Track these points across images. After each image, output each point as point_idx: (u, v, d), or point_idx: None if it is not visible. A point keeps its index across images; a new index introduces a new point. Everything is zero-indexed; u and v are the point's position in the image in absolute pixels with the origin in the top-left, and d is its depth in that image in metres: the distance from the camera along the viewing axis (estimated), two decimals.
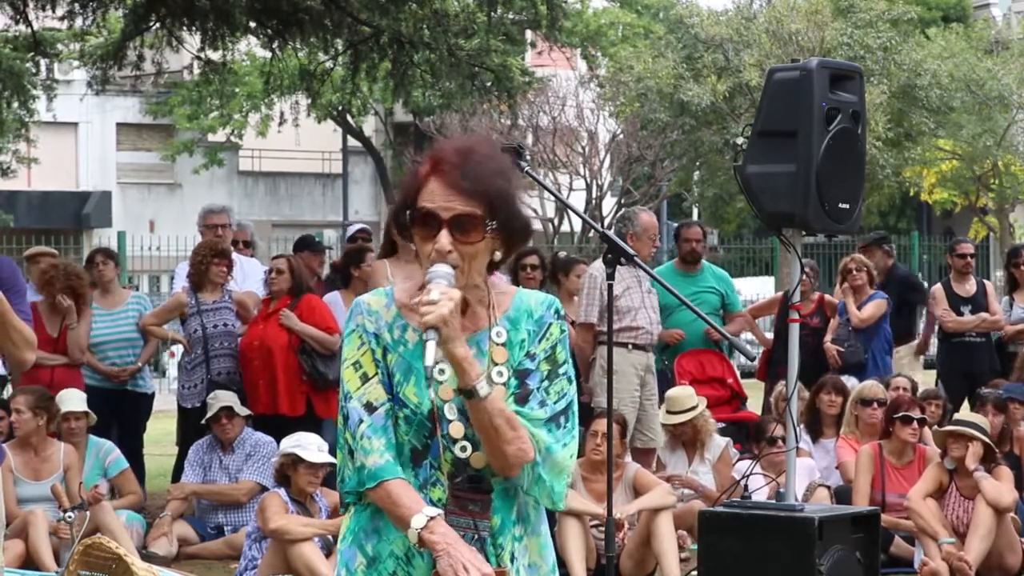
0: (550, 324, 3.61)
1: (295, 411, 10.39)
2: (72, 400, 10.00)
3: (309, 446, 8.88)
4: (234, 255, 11.07)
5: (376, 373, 3.55)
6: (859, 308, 11.89)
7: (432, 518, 3.43)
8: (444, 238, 3.46)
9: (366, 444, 3.50)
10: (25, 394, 9.66)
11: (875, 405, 10.37)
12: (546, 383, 3.57)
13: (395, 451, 3.53)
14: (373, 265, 10.19)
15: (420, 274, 3.53)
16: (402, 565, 3.55)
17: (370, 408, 3.52)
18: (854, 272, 11.97)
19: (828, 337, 11.90)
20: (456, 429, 3.54)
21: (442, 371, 3.53)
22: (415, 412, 3.53)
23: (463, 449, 3.54)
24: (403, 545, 3.53)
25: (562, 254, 12.93)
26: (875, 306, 11.93)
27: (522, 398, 3.54)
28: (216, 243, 10.87)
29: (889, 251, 13.15)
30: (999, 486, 9.12)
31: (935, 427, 10.07)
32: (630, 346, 10.11)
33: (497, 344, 3.58)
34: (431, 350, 3.39)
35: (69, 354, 10.59)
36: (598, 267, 10.18)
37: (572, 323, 10.78)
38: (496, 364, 3.57)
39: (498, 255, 3.57)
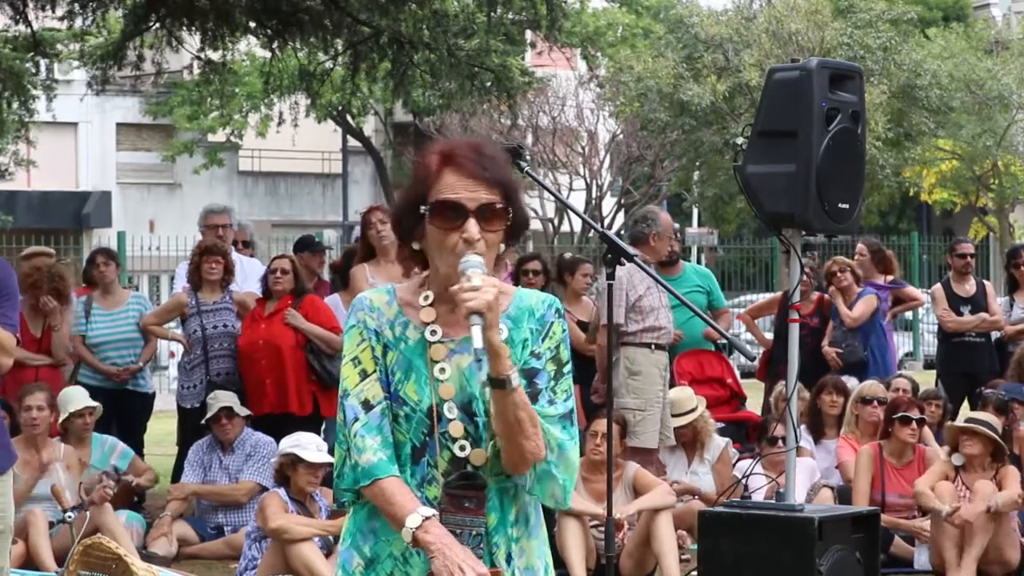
0: (552, 323, 3.61)
1: (303, 410, 10.38)
2: (77, 399, 10.02)
3: (308, 446, 8.88)
4: (235, 255, 11.07)
5: (375, 370, 3.55)
6: (850, 308, 11.91)
7: (427, 518, 3.42)
8: (474, 227, 3.46)
9: (359, 442, 3.50)
10: (42, 391, 9.70)
11: (875, 404, 10.37)
12: (553, 383, 3.57)
13: (391, 450, 3.52)
14: (353, 271, 10.18)
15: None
16: (399, 565, 3.54)
17: (367, 406, 3.53)
18: (838, 274, 12.00)
19: (825, 341, 11.90)
20: (456, 428, 3.53)
21: (443, 370, 3.54)
22: (415, 410, 3.53)
23: (462, 448, 3.53)
24: (401, 545, 3.52)
25: (567, 255, 12.92)
26: (865, 303, 11.94)
27: (532, 397, 3.53)
28: (205, 241, 10.88)
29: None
30: (1012, 495, 9.14)
31: (948, 424, 10.02)
32: (652, 346, 10.03)
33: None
34: (478, 334, 3.37)
35: (53, 354, 10.61)
36: (623, 268, 10.10)
37: (578, 322, 10.78)
38: None
39: (502, 247, 3.59)
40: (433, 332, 3.56)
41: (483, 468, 3.54)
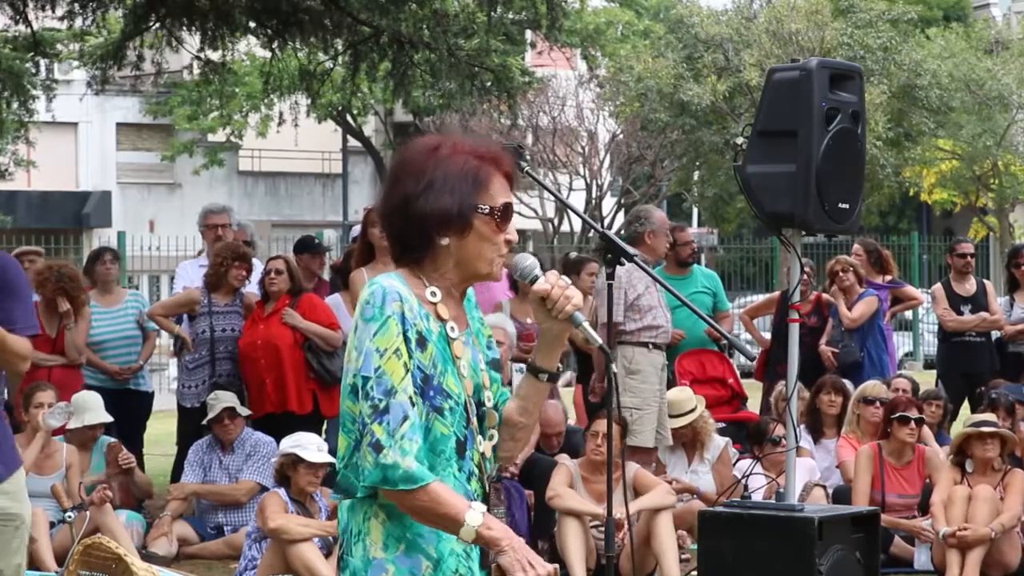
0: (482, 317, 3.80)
1: (303, 409, 10.38)
2: (95, 410, 10.00)
3: (309, 446, 8.87)
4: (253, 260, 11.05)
5: (409, 367, 3.49)
6: (850, 308, 11.91)
7: (484, 513, 3.41)
8: (515, 231, 3.61)
9: (407, 444, 3.41)
10: (51, 389, 9.71)
11: (877, 404, 10.36)
12: None
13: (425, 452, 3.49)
14: (352, 276, 10.16)
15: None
16: (463, 561, 3.52)
17: (411, 404, 3.45)
18: (841, 274, 12.01)
19: (823, 340, 11.90)
20: (474, 421, 3.59)
21: (465, 365, 3.58)
22: (457, 403, 3.53)
23: (479, 441, 3.59)
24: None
25: (572, 254, 12.89)
26: (865, 304, 11.95)
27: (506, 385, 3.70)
28: (237, 246, 10.85)
29: None
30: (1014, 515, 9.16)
31: (962, 430, 9.97)
32: (650, 345, 10.02)
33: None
34: (591, 330, 3.59)
35: (67, 354, 10.59)
36: (622, 267, 10.09)
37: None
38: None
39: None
40: (452, 328, 3.58)
41: (489, 460, 3.61)
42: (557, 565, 3.57)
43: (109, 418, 10.09)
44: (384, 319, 3.46)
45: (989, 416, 9.67)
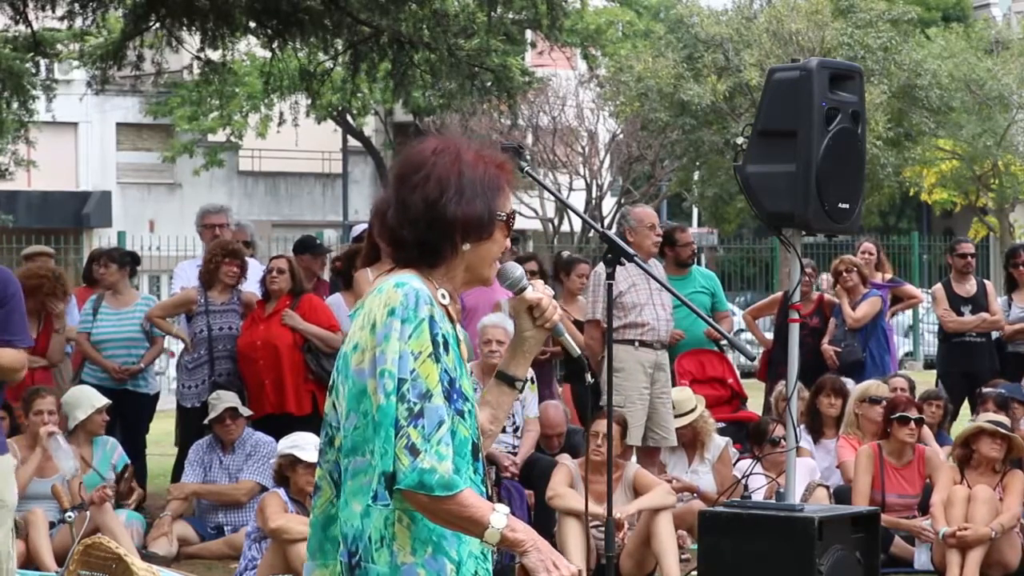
0: None
1: (302, 410, 10.38)
2: (86, 401, 9.99)
3: (307, 446, 8.87)
4: (247, 257, 11.03)
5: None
6: (853, 308, 11.92)
7: (507, 515, 3.41)
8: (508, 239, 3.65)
9: (443, 449, 3.38)
10: (51, 395, 9.70)
11: (883, 404, 10.35)
12: None
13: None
14: (357, 276, 10.15)
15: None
16: (480, 563, 3.53)
17: (445, 408, 3.43)
18: (844, 274, 12.03)
19: (826, 339, 11.92)
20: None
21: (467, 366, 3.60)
22: (472, 405, 3.54)
23: None
24: (479, 543, 3.48)
25: (565, 254, 12.87)
26: (869, 304, 11.96)
27: None
28: (228, 243, 10.84)
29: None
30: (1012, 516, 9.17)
31: (970, 423, 9.96)
32: (636, 343, 9.98)
33: None
34: (570, 339, 3.68)
35: (50, 357, 10.57)
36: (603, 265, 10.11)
37: (574, 322, 10.77)
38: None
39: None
40: (460, 329, 3.61)
41: None
42: (582, 567, 3.58)
43: (105, 400, 10.03)
44: (418, 322, 3.42)
45: (1003, 418, 9.70)
